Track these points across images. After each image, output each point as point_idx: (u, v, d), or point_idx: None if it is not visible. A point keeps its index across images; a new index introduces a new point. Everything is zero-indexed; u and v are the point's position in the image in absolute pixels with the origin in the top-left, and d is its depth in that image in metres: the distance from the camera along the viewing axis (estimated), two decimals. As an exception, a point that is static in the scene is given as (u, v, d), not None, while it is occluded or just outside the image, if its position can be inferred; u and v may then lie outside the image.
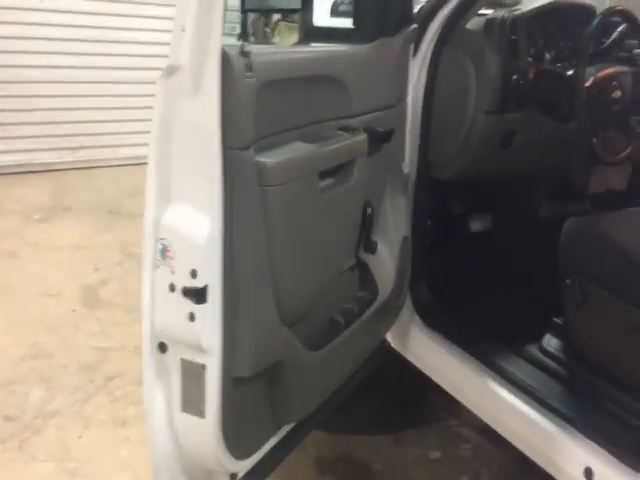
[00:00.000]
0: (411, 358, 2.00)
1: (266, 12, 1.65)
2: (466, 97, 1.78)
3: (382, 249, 1.70)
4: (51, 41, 4.67)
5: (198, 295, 1.14)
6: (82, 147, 5.00)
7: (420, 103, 1.81)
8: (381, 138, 1.55)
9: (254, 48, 1.13)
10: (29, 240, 3.86)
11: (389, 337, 2.03)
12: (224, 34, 1.08)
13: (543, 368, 1.75)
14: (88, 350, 2.75)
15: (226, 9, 1.05)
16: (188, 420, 1.25)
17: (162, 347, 1.23)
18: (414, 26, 1.65)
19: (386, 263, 1.71)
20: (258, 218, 1.17)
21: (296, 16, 1.61)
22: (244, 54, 1.10)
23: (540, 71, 1.83)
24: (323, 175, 1.34)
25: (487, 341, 1.84)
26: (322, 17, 1.66)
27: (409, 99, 1.77)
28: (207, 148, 1.10)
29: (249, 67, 1.11)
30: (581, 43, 1.72)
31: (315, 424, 1.68)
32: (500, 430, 1.75)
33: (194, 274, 1.13)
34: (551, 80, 1.82)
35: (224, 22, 1.06)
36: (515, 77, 1.77)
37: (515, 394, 1.67)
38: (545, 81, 1.82)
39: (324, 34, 1.67)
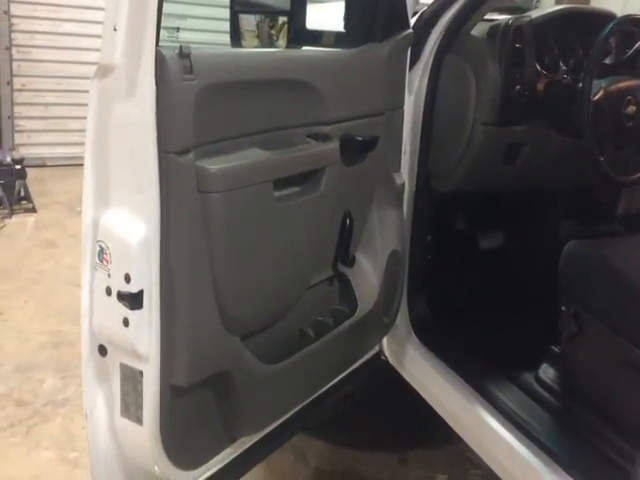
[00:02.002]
0: (406, 376, 1.92)
1: (254, 13, 1.62)
2: (466, 107, 1.70)
3: (364, 262, 1.63)
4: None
5: (132, 300, 1.11)
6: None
7: (421, 112, 1.73)
8: (362, 146, 1.48)
9: (198, 49, 1.09)
10: (69, 231, 3.96)
11: (387, 353, 1.96)
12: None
13: (537, 399, 1.65)
14: (108, 341, 2.79)
15: (162, 7, 1.02)
16: (128, 425, 1.22)
17: (102, 350, 1.21)
18: (408, 31, 1.57)
19: (369, 277, 1.63)
20: (197, 225, 1.13)
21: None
22: (183, 55, 1.06)
23: (551, 82, 1.72)
24: (282, 183, 1.29)
25: (483, 366, 1.76)
26: (316, 20, 1.60)
27: (408, 108, 1.70)
28: (143, 151, 1.07)
29: (188, 69, 1.07)
30: (590, 52, 1.60)
31: (287, 437, 1.62)
32: (487, 461, 1.66)
33: (128, 278, 1.11)
34: (562, 92, 1.70)
35: (160, 21, 1.03)
36: (518, 87, 1.67)
37: (505, 425, 1.58)
38: (555, 93, 1.71)
39: (315, 38, 1.61)
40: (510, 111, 1.69)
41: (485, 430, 1.62)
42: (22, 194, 4.38)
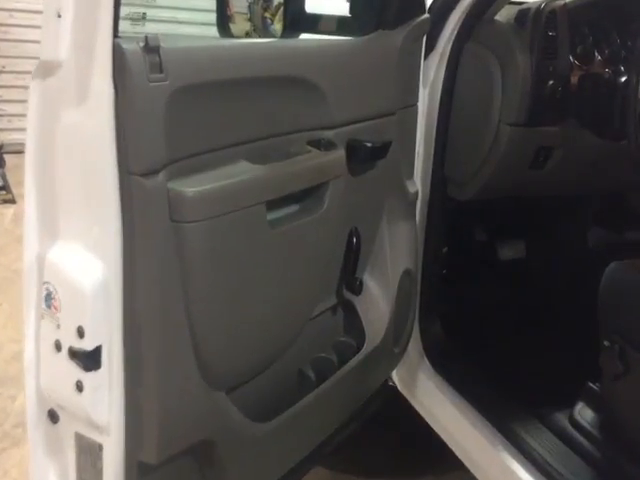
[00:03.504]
0: (417, 407, 1.72)
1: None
2: (489, 105, 1.48)
3: (373, 286, 1.41)
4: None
5: (87, 359, 0.89)
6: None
7: (436, 109, 1.51)
8: (372, 154, 1.26)
9: (170, 41, 0.86)
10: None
11: (396, 380, 1.75)
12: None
13: (571, 445, 1.43)
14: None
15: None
16: None
17: (53, 416, 0.99)
18: (425, 17, 1.35)
19: (378, 303, 1.42)
20: (170, 262, 0.91)
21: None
22: (150, 49, 0.82)
23: (586, 75, 1.50)
24: (277, 203, 1.06)
25: (506, 401, 1.55)
26: (316, 3, 1.38)
27: (421, 104, 1.48)
28: (99, 172, 0.85)
29: (157, 66, 0.83)
30: (637, 43, 1.38)
31: None
32: None
33: (81, 332, 0.88)
34: (599, 87, 1.48)
35: (119, 4, 0.79)
36: (551, 82, 1.45)
37: (532, 474, 1.37)
38: (591, 88, 1.49)
39: (316, 24, 1.38)
40: (541, 110, 1.47)
41: (509, 478, 1.41)
42: (0, 183, 4.15)
